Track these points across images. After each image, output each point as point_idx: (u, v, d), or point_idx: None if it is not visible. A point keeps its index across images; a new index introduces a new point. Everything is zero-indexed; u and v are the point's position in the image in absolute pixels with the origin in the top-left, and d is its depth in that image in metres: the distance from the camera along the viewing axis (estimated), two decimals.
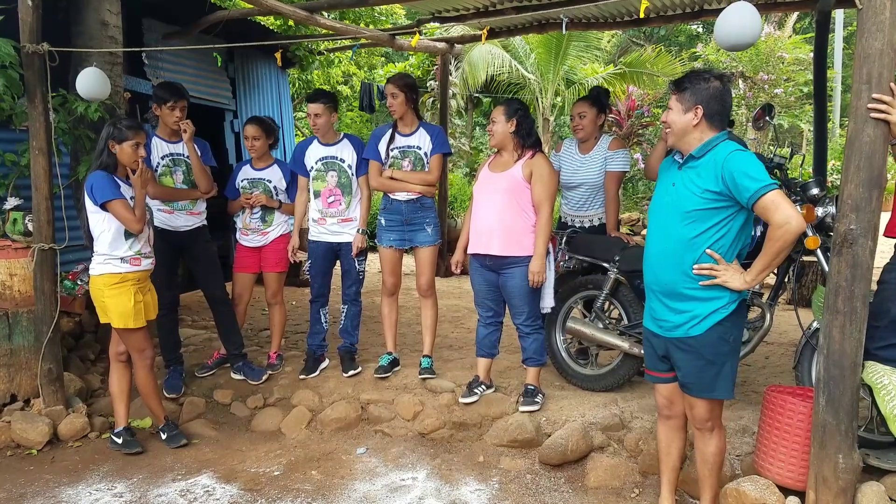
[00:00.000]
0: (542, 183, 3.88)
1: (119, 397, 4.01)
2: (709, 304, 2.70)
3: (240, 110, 7.95)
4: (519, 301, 3.99)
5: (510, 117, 3.92)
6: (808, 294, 6.20)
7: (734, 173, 2.58)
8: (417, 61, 14.90)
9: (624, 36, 17.40)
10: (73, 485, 3.62)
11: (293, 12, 5.60)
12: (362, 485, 3.61)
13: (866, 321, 2.72)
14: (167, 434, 4.07)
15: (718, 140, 2.71)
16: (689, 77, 2.76)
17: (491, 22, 6.15)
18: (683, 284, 2.73)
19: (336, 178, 4.55)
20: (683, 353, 2.78)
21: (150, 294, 3.96)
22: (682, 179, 2.75)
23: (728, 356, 2.76)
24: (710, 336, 2.72)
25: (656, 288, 2.86)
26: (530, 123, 4.00)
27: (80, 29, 4.71)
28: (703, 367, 2.75)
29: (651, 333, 2.94)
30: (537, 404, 4.03)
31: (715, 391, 2.77)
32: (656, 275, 2.84)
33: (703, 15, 5.80)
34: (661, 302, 2.83)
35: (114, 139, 3.73)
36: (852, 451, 2.76)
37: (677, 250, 2.73)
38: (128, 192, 3.78)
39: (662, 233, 2.81)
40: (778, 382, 4.25)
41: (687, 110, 2.72)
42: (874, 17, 2.58)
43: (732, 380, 2.81)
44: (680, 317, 2.76)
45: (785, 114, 12.97)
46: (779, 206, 2.52)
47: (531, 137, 3.97)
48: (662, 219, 2.82)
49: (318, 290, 4.72)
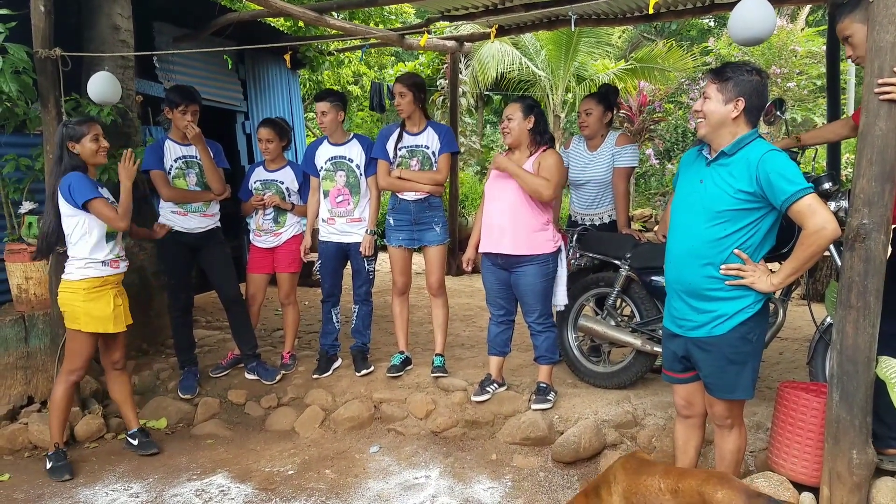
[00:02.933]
0: (549, 172, 3.85)
1: (124, 403, 4.03)
2: (734, 303, 2.67)
3: (251, 112, 7.99)
4: (531, 299, 3.99)
5: (527, 114, 3.90)
6: (821, 289, 6.15)
7: (770, 174, 2.52)
8: (427, 60, 14.91)
9: (635, 31, 17.30)
10: (89, 485, 3.66)
11: (303, 13, 5.62)
12: (376, 483, 3.63)
13: (880, 316, 2.69)
14: (138, 440, 4.04)
15: (751, 138, 2.65)
16: (732, 67, 2.66)
17: (500, 20, 6.15)
18: (709, 284, 2.69)
19: (344, 177, 4.56)
20: (705, 353, 2.75)
21: (125, 298, 3.89)
22: (713, 177, 2.68)
23: (750, 356, 2.73)
24: (733, 336, 2.69)
25: (679, 287, 2.80)
26: (545, 121, 4.00)
27: (92, 34, 4.75)
28: (725, 367, 2.72)
29: (670, 333, 2.90)
30: (549, 402, 4.03)
31: (736, 391, 2.74)
32: (680, 274, 2.78)
33: (715, 9, 5.76)
34: (684, 301, 2.78)
35: (70, 139, 3.66)
36: (866, 447, 2.73)
37: (705, 250, 2.68)
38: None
39: (688, 231, 2.74)
40: (792, 378, 4.22)
41: (727, 101, 2.62)
42: (886, 10, 2.55)
43: (754, 380, 2.78)
44: (703, 316, 2.73)
45: (798, 107, 12.86)
46: (815, 212, 2.47)
47: (546, 135, 3.97)
48: (688, 217, 2.75)
49: (329, 290, 4.74)
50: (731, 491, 2.28)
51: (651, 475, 2.53)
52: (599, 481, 2.74)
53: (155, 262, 5.04)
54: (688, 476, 2.46)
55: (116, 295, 3.80)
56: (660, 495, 2.45)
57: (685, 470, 2.66)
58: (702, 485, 2.36)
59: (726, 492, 2.28)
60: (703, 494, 2.33)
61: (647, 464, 2.65)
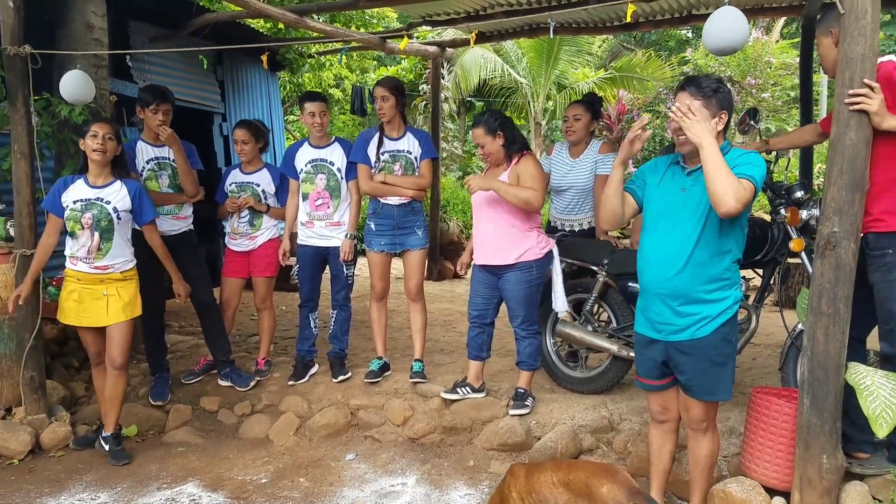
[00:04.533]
0: (532, 180, 3.85)
1: (109, 402, 3.95)
2: (718, 305, 2.70)
3: (229, 113, 7.93)
4: (515, 304, 3.99)
5: (493, 133, 3.91)
6: (793, 296, 6.22)
7: (741, 164, 2.59)
8: (410, 65, 14.92)
9: (615, 41, 17.46)
10: (55, 495, 3.58)
11: (282, 15, 5.58)
12: (351, 491, 3.59)
13: (849, 323, 2.73)
14: (110, 447, 3.96)
15: (728, 147, 2.69)
16: (709, 80, 2.67)
17: (480, 26, 6.16)
18: (701, 288, 2.70)
19: (325, 181, 4.52)
20: (687, 357, 2.75)
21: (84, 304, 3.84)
22: (696, 184, 2.69)
23: (730, 357, 2.78)
24: (716, 337, 2.71)
25: (663, 291, 2.79)
26: (511, 128, 3.99)
27: (65, 31, 4.68)
28: (708, 369, 2.74)
29: (646, 339, 2.89)
30: (527, 408, 4.03)
31: (718, 393, 2.77)
32: (665, 278, 2.76)
33: (692, 20, 5.83)
34: (667, 305, 2.77)
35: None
36: (836, 452, 2.76)
37: (695, 253, 2.69)
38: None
39: (673, 236, 2.74)
40: (764, 384, 4.25)
41: (713, 115, 2.64)
42: (856, 23, 2.59)
43: (732, 381, 2.81)
44: (687, 319, 2.73)
45: (772, 118, 13.04)
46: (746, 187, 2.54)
47: (516, 144, 3.97)
48: (672, 223, 2.75)
49: (307, 294, 4.70)
50: (615, 485, 2.38)
51: (542, 472, 2.61)
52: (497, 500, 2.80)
53: None
54: (577, 468, 2.56)
55: (74, 290, 3.83)
56: (553, 488, 2.53)
57: (574, 462, 2.79)
58: (590, 477, 2.45)
59: (611, 486, 2.38)
60: (590, 487, 2.42)
61: (535, 464, 2.78)
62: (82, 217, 3.76)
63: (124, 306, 3.84)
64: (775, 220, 3.69)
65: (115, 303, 3.82)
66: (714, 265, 2.69)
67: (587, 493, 2.42)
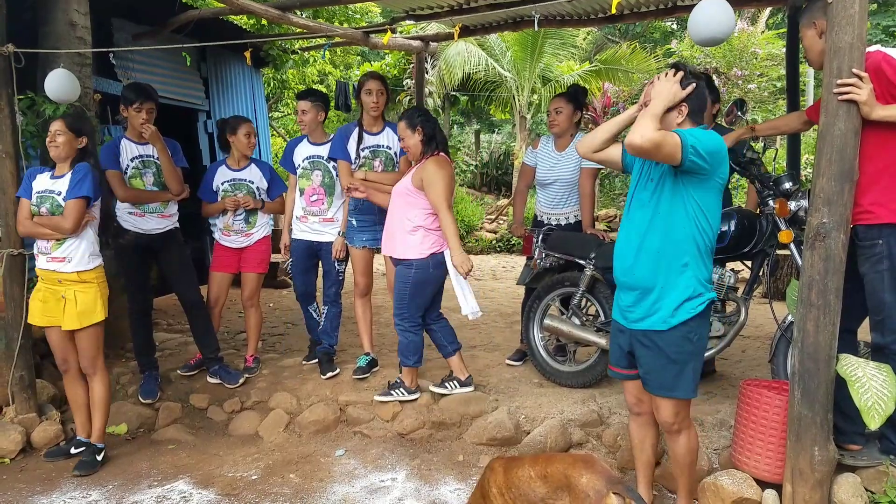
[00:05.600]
0: (432, 189, 3.90)
1: (91, 409, 3.91)
2: (676, 296, 2.67)
3: (213, 111, 7.87)
4: (395, 296, 4.15)
5: (414, 127, 3.97)
6: (782, 287, 6.27)
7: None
8: (394, 60, 14.87)
9: (599, 33, 17.48)
10: (47, 493, 3.56)
11: (265, 11, 5.53)
12: (341, 487, 3.58)
13: (840, 314, 2.73)
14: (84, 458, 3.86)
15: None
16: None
17: (464, 19, 6.13)
18: (655, 276, 2.70)
19: (320, 177, 4.59)
20: (646, 350, 2.76)
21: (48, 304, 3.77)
22: (655, 170, 2.74)
23: (691, 356, 2.73)
24: (675, 334, 2.69)
25: (622, 278, 2.83)
26: (431, 128, 4.01)
27: (48, 30, 4.62)
28: (665, 366, 2.72)
29: (619, 328, 2.90)
30: (391, 396, 4.20)
31: (676, 390, 2.74)
32: (625, 265, 2.80)
33: (677, 11, 5.83)
34: (630, 292, 2.80)
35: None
36: (828, 444, 2.78)
37: (650, 241, 2.70)
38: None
39: (632, 222, 2.80)
40: (754, 376, 4.28)
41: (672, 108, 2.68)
42: (844, 12, 2.60)
43: (695, 380, 2.78)
44: (642, 308, 2.74)
45: (758, 109, 13.10)
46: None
47: (432, 144, 4.00)
48: (633, 207, 2.83)
49: (301, 288, 4.75)
50: (594, 475, 2.38)
51: (520, 466, 2.61)
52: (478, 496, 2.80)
53: (113, 264, 4.92)
54: (555, 461, 2.55)
55: (40, 290, 3.78)
56: (531, 482, 2.53)
57: (551, 455, 2.76)
58: (568, 469, 2.46)
59: (590, 476, 2.38)
60: (568, 478, 2.42)
61: (513, 459, 2.76)
62: (39, 210, 3.72)
63: (79, 313, 3.71)
64: (764, 212, 3.70)
65: (71, 308, 3.71)
66: (667, 253, 2.66)
67: (566, 485, 2.42)
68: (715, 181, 2.64)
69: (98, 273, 3.80)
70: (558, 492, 2.44)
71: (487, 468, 2.76)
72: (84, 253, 3.73)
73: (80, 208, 3.66)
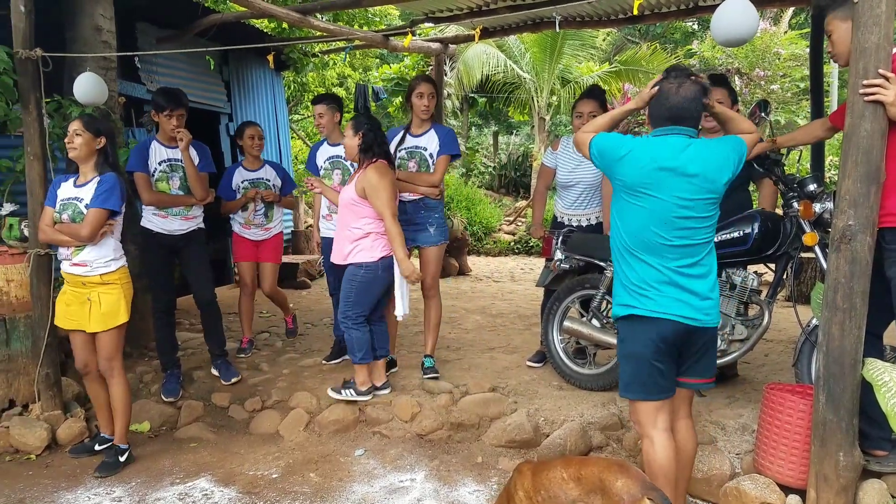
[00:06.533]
0: (376, 198, 3.96)
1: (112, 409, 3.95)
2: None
3: (235, 113, 7.95)
4: (341, 296, 4.23)
5: (356, 130, 4.06)
6: (806, 291, 6.19)
7: None
8: (412, 62, 14.89)
9: (619, 34, 17.40)
10: (71, 489, 3.61)
11: (287, 15, 5.59)
12: (361, 487, 3.60)
13: (866, 318, 2.70)
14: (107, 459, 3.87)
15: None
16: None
17: (484, 21, 6.14)
18: None
19: (341, 176, 4.78)
20: None
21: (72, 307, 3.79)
22: None
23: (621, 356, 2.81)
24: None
25: None
26: (373, 137, 4.04)
27: (74, 34, 4.70)
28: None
29: None
30: (341, 395, 4.25)
31: None
32: None
33: (699, 11, 5.79)
34: None
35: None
36: (853, 449, 2.74)
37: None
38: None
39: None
40: (777, 380, 4.24)
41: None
42: (870, 11, 2.56)
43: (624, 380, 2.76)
44: None
45: (781, 110, 12.97)
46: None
47: (370, 151, 4.05)
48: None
49: (334, 283, 4.83)
50: (630, 480, 2.36)
51: (552, 468, 2.59)
52: (504, 500, 2.78)
53: (137, 264, 4.99)
54: (589, 464, 2.54)
55: (66, 293, 3.82)
56: (563, 484, 2.51)
57: (585, 458, 2.77)
58: (602, 472, 2.44)
59: (625, 480, 2.36)
60: (603, 482, 2.41)
61: (543, 462, 2.74)
62: (61, 217, 3.74)
63: (103, 314, 3.73)
64: (788, 214, 3.66)
65: (96, 310, 3.73)
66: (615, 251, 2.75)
67: (601, 488, 2.41)
68: (616, 182, 2.71)
69: (122, 274, 3.82)
70: (591, 495, 2.43)
71: (515, 471, 2.75)
72: (105, 258, 3.74)
73: (101, 219, 3.66)
